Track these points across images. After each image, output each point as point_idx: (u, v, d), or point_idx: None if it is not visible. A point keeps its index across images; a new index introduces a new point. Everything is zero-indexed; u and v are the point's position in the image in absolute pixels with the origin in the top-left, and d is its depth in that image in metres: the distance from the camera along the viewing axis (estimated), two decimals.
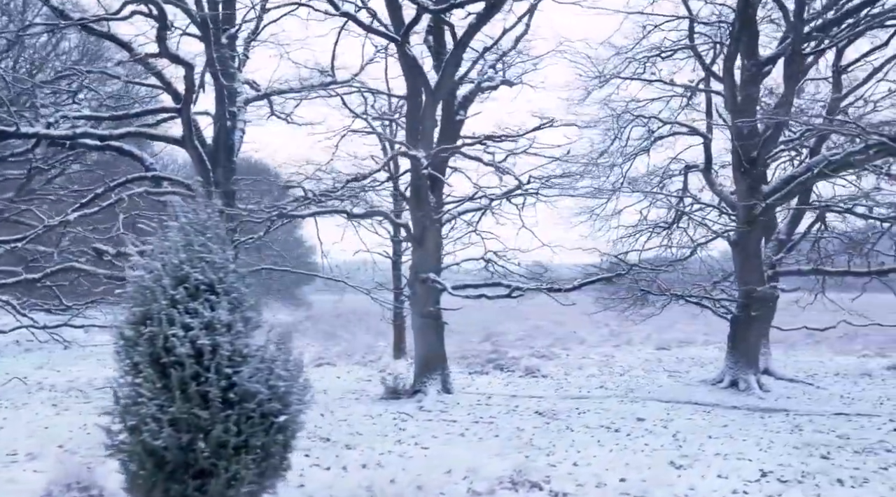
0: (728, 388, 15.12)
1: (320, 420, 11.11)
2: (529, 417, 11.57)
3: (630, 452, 8.64)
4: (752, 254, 15.17)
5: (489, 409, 12.38)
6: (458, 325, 36.86)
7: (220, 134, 15.16)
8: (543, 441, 9.44)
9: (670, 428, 10.59)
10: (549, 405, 12.88)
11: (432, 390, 13.17)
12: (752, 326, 15.12)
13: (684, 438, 9.61)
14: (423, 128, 12.98)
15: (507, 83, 16.52)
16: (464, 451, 8.68)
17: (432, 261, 13.56)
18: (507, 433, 10.13)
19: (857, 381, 16.95)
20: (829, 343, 26.41)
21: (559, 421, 11.26)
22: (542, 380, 17.58)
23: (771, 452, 8.68)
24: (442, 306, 13.51)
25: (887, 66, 16.27)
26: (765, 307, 15.20)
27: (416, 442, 9.28)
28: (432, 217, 13.30)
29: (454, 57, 12.48)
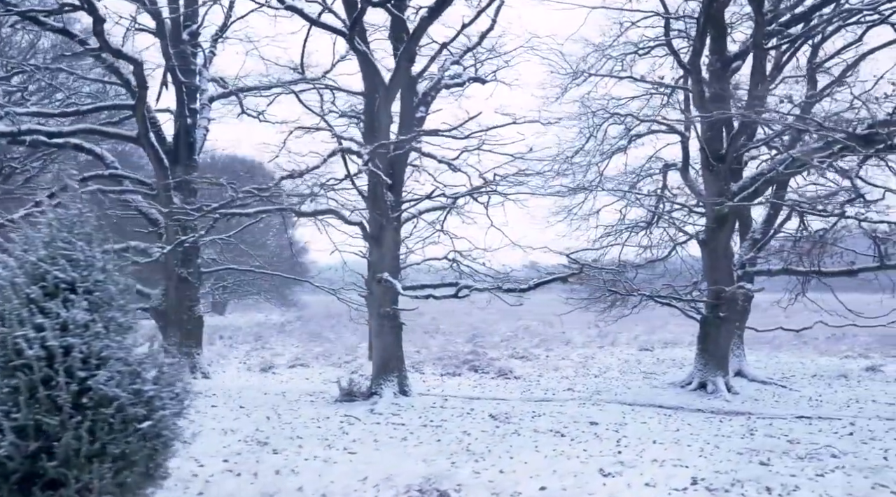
0: (696, 390, 14.83)
1: (264, 423, 10.86)
2: (481, 421, 11.29)
3: (564, 459, 8.35)
4: (721, 253, 14.87)
5: (442, 412, 12.11)
6: (446, 325, 36.89)
7: (180, 131, 14.94)
8: (481, 446, 9.16)
9: (620, 432, 10.30)
10: (506, 408, 12.60)
11: (388, 393, 12.90)
12: (722, 327, 14.81)
13: (627, 444, 9.32)
14: (377, 124, 12.71)
15: (479, 80, 16.28)
16: (393, 456, 8.40)
17: (390, 260, 13.29)
18: (450, 438, 9.85)
19: (831, 383, 16.65)
20: (816, 344, 26.13)
21: (510, 425, 10.98)
22: (512, 382, 17.30)
23: (711, 459, 8.38)
24: (399, 307, 13.19)
25: (861, 63, 15.96)
26: (734, 308, 14.88)
27: (346, 447, 9.00)
28: (389, 216, 13.03)
29: (407, 52, 12.20)
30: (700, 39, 14.11)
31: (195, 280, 14.77)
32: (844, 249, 16.34)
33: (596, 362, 21.72)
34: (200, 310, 15.07)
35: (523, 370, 19.57)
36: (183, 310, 14.54)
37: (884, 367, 19.59)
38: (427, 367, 19.88)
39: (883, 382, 16.80)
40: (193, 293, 14.77)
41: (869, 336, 27.31)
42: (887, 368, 19.44)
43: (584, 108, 18.67)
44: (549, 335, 31.09)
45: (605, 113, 18.70)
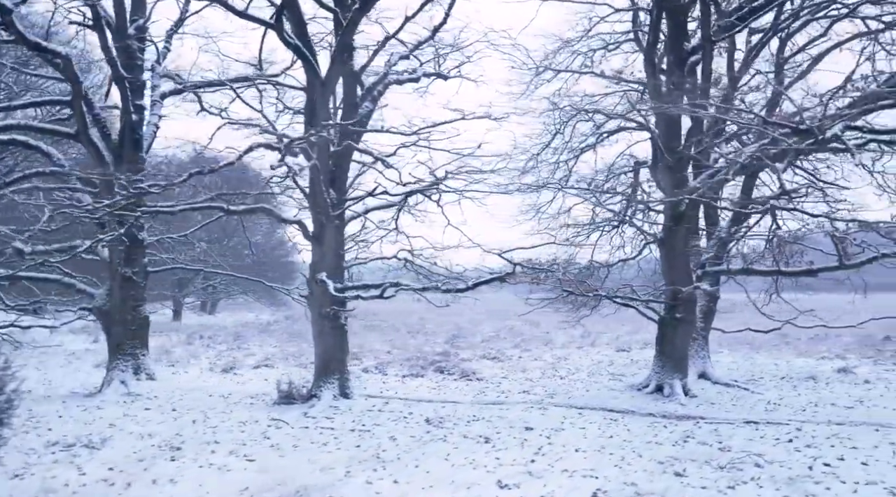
0: (653, 393, 14.46)
1: (187, 427, 10.56)
2: (414, 426, 10.95)
3: (470, 469, 8.01)
4: (678, 253, 14.48)
5: (379, 416, 11.76)
6: (433, 325, 36.53)
7: (125, 128, 14.63)
8: (395, 454, 8.82)
9: (550, 439, 9.95)
10: (448, 412, 12.26)
11: (328, 395, 12.58)
12: (679, 329, 14.42)
13: (548, 452, 8.97)
14: (316, 120, 12.38)
15: (441, 76, 15.94)
16: (293, 464, 8.08)
17: (331, 260, 12.95)
18: (369, 444, 9.52)
19: (797, 385, 16.23)
20: (797, 344, 25.72)
21: (441, 430, 10.63)
22: (473, 383, 16.93)
23: (627, 469, 8.02)
24: (339, 308, 12.84)
25: (826, 58, 15.55)
26: (692, 309, 14.50)
27: (249, 454, 8.68)
28: (329, 214, 12.69)
29: (341, 45, 11.86)
30: (654, 32, 13.71)
31: (140, 279, 14.45)
32: (808, 248, 15.98)
33: (568, 363, 21.34)
34: (146, 310, 14.75)
35: (490, 371, 19.20)
36: (127, 310, 14.22)
37: (856, 369, 19.18)
38: (393, 368, 19.52)
39: (850, 385, 16.37)
40: (139, 293, 14.45)
41: (851, 337, 26.90)
42: (859, 370, 19.01)
43: (551, 105, 18.29)
44: (531, 335, 30.80)
45: (571, 109, 18.31)
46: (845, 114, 10.14)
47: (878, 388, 15.87)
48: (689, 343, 14.81)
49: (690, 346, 16.78)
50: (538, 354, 23.94)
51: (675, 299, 14.31)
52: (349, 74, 13.03)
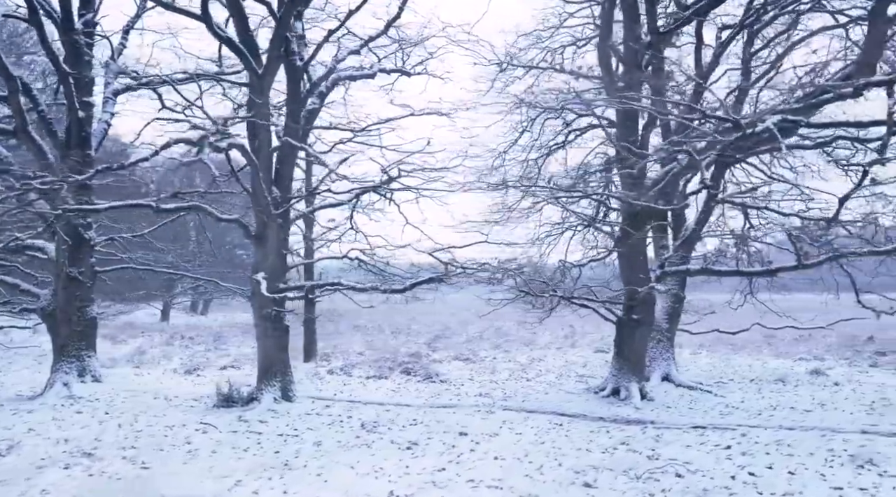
0: (609, 396, 14.10)
1: (111, 432, 10.28)
2: (345, 431, 10.63)
3: (372, 478, 7.69)
4: (636, 252, 14.11)
5: (314, 420, 11.44)
6: (419, 325, 36.17)
7: (71, 126, 14.37)
8: (304, 461, 8.53)
9: (480, 445, 9.62)
10: (390, 416, 11.94)
11: (268, 398, 12.27)
12: (637, 331, 14.05)
13: (466, 459, 8.64)
14: (254, 114, 12.08)
15: (404, 73, 15.65)
16: (190, 471, 7.81)
17: (273, 260, 12.64)
18: (289, 450, 9.24)
19: (763, 388, 15.83)
20: (781, 345, 25.28)
21: (373, 435, 10.33)
22: (434, 385, 16.63)
23: (537, 479, 7.70)
24: (279, 309, 12.53)
25: (791, 53, 15.15)
26: (650, 310, 14.13)
27: (148, 461, 8.38)
28: (271, 212, 12.38)
29: (276, 38, 11.53)
30: (607, 25, 13.33)
31: (87, 279, 14.18)
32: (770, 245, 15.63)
33: (541, 365, 21.00)
34: (94, 310, 14.47)
35: (458, 373, 18.88)
36: (72, 311, 13.95)
37: (830, 370, 18.78)
38: (361, 370, 19.18)
39: (818, 387, 15.97)
40: (85, 293, 14.17)
41: (835, 338, 26.45)
42: (833, 372, 18.61)
43: (516, 101, 17.93)
44: (516, 336, 30.42)
45: (539, 107, 17.93)
46: (783, 109, 9.74)
47: (846, 390, 15.46)
48: (646, 345, 14.44)
49: (655, 347, 16.48)
50: (515, 355, 23.61)
51: (632, 300, 13.94)
52: (292, 70, 12.72)
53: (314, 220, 13.59)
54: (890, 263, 17.25)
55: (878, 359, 20.77)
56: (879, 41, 10.33)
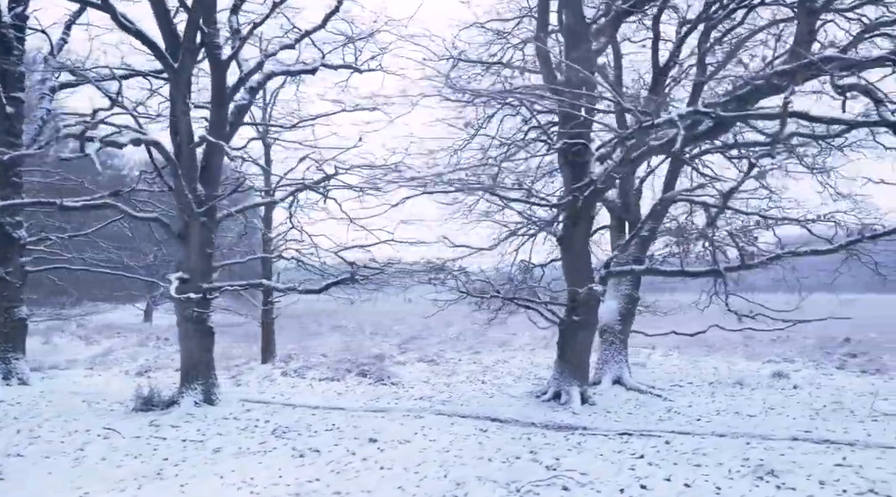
0: (550, 400, 13.67)
1: (6, 439, 9.92)
2: (253, 436, 10.25)
3: (234, 489, 7.30)
4: (578, 252, 13.68)
5: (228, 425, 11.06)
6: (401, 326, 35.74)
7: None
8: (180, 469, 8.15)
9: (383, 453, 9.24)
10: (312, 420, 11.57)
11: (189, 402, 11.93)
12: (579, 333, 13.62)
13: (347, 469, 8.26)
14: (173, 111, 11.73)
15: (354, 69, 15.27)
16: (50, 481, 7.44)
17: (196, 259, 12.29)
18: (178, 457, 8.89)
19: (717, 391, 15.38)
20: (758, 346, 24.79)
21: (279, 441, 9.96)
22: (382, 388, 16.25)
23: (409, 491, 7.28)
24: (200, 310, 12.16)
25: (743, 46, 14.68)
26: (593, 311, 13.68)
27: (14, 470, 8.02)
28: (193, 211, 12.02)
29: (189, 29, 11.14)
30: (543, 15, 12.89)
31: (15, 280, 13.87)
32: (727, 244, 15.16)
33: (503, 367, 20.60)
34: (23, 311, 14.16)
35: (414, 375, 18.49)
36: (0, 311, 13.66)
37: (797, 373, 18.34)
38: (316, 372, 18.79)
39: (775, 390, 15.52)
40: (13, 294, 13.87)
41: (813, 338, 25.94)
42: (797, 374, 18.15)
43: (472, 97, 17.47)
44: (495, 337, 29.93)
45: (495, 103, 17.47)
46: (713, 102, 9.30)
47: (801, 394, 15.00)
48: (589, 348, 13.98)
49: (607, 350, 16.06)
50: (484, 357, 23.21)
51: (573, 301, 13.51)
52: (216, 64, 12.35)
53: (245, 216, 13.17)
54: (851, 263, 16.82)
55: (847, 361, 20.27)
56: (808, 33, 9.87)
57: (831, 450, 9.45)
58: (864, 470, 8.21)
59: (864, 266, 15.56)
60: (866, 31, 9.17)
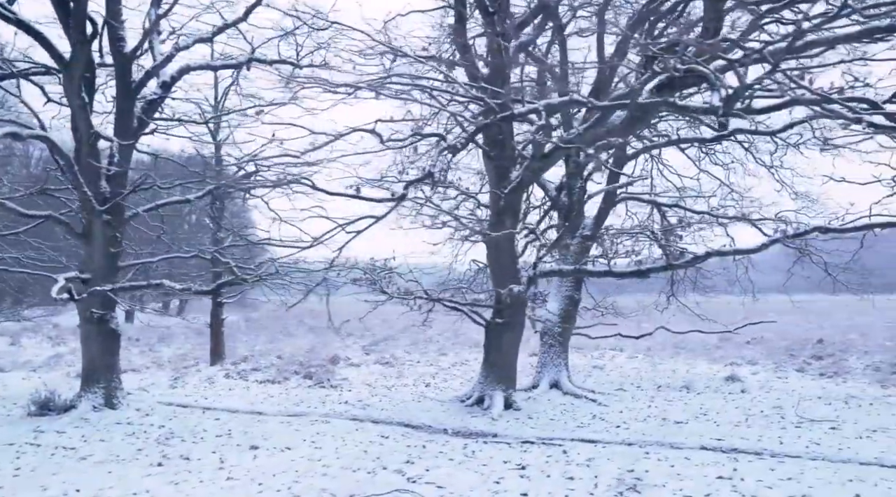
0: (473, 405, 13.22)
1: None
2: (135, 444, 9.86)
3: None
4: (503, 251, 13.21)
5: (118, 430, 10.68)
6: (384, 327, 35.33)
7: None
8: (26, 479, 7.76)
9: (262, 461, 8.85)
10: (210, 425, 11.21)
11: (87, 406, 11.57)
12: (504, 335, 13.15)
13: (191, 479, 7.85)
14: (70, 105, 11.38)
15: (291, 64, 14.86)
16: None
17: (99, 260, 11.93)
18: (27, 467, 8.49)
19: (658, 396, 14.84)
20: (729, 348, 24.19)
21: (160, 447, 9.60)
22: (316, 391, 15.87)
23: None
24: (98, 311, 11.79)
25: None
26: (519, 312, 13.20)
27: None
28: (94, 209, 11.66)
29: (77, 20, 10.77)
30: (461, 2, 12.41)
31: None
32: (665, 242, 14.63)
33: (459, 369, 20.15)
34: None
35: (361, 378, 18.08)
36: None
37: (755, 376, 17.84)
38: (262, 374, 18.42)
39: (721, 394, 15.00)
40: None
41: (785, 340, 25.32)
42: (752, 377, 17.60)
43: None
44: (470, 338, 29.42)
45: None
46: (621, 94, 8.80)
47: (745, 398, 14.47)
48: (516, 351, 13.50)
49: (546, 353, 15.59)
50: (447, 359, 22.76)
51: (499, 302, 13.05)
52: (120, 58, 11.99)
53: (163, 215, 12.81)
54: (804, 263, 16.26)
55: (812, 363, 19.67)
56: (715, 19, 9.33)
57: (728, 460, 8.94)
58: (744, 483, 7.73)
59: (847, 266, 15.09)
60: (760, 18, 8.64)
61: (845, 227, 10.54)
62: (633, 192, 16.06)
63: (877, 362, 19.03)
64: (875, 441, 10.18)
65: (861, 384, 16.27)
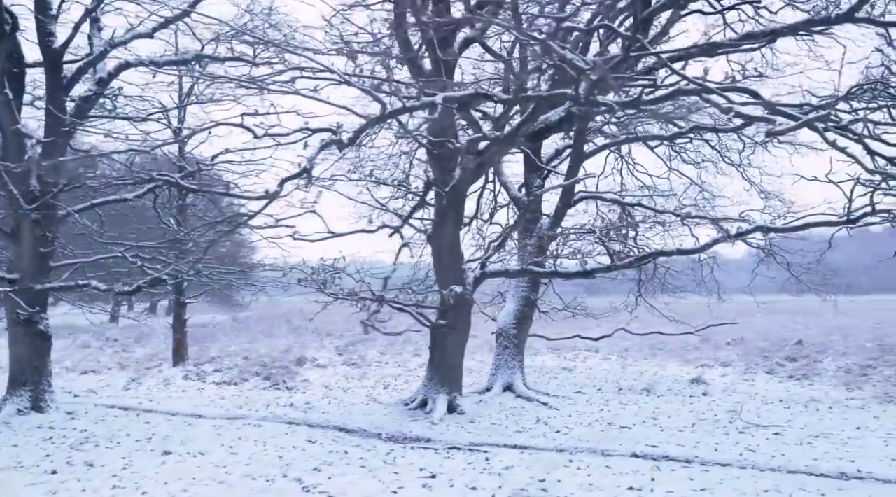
0: (417, 409, 12.89)
1: None
2: (41, 449, 9.58)
3: None
4: (446, 251, 12.87)
5: (39, 434, 10.44)
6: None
7: None
8: None
9: (170, 466, 8.56)
10: (137, 429, 10.97)
11: (11, 409, 11.33)
12: (449, 337, 12.81)
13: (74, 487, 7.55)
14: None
15: (247, 62, 14.57)
16: None
17: (29, 260, 11.66)
18: None
19: (610, 400, 14.45)
20: (707, 349, 23.76)
21: (71, 452, 9.37)
22: (268, 392, 15.58)
23: None
24: (23, 311, 11.51)
25: None
26: (464, 314, 12.86)
27: None
28: (22, 208, 11.40)
29: None
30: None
31: None
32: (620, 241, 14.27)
33: (421, 371, 19.67)
34: None
35: (322, 380, 17.76)
36: None
37: (723, 378, 17.48)
38: (222, 375, 18.14)
39: (680, 398, 14.63)
40: None
41: (765, 342, 24.91)
42: (719, 380, 17.21)
43: None
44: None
45: None
46: None
47: (703, 402, 14.10)
48: (461, 353, 13.15)
49: (501, 355, 15.25)
50: (419, 360, 22.41)
51: (443, 303, 12.71)
52: (48, 53, 11.73)
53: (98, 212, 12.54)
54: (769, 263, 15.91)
55: (786, 364, 19.26)
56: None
57: (651, 469, 8.59)
58: (652, 495, 7.37)
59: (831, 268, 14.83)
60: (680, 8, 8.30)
61: (786, 226, 10.19)
62: (591, 191, 15.71)
63: (849, 364, 18.60)
64: (814, 447, 9.81)
65: (826, 387, 15.86)
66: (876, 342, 23.74)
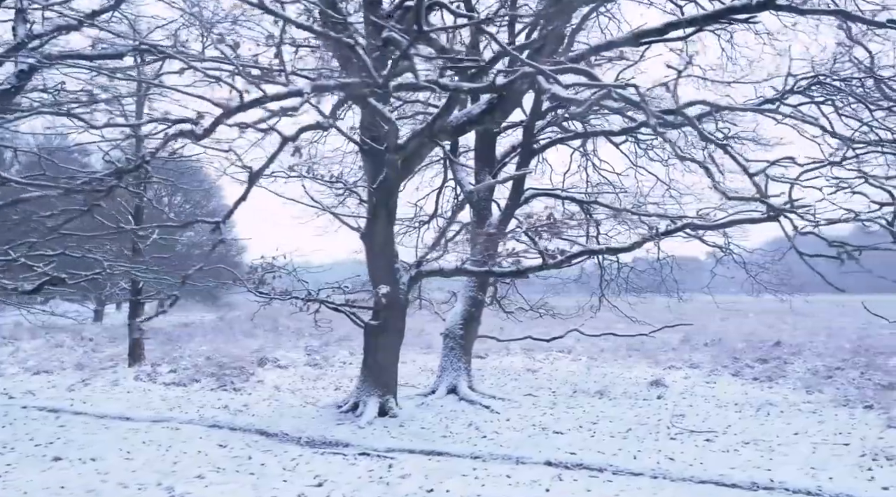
0: (348, 412, 12.49)
1: None
2: None
3: None
4: (379, 250, 12.46)
5: None
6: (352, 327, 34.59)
7: None
8: None
9: (18, 473, 8.16)
10: (51, 431, 10.65)
11: None
12: (381, 338, 12.40)
13: None
14: None
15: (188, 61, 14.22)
16: None
17: None
18: None
19: (558, 403, 14.01)
20: (684, 350, 23.25)
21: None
22: (213, 394, 15.22)
23: None
24: None
25: None
26: (397, 314, 12.45)
27: None
28: None
29: None
30: None
31: None
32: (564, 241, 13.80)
33: None
34: None
35: (276, 380, 17.38)
36: None
37: (686, 379, 17.01)
38: (175, 376, 17.79)
39: (631, 401, 14.18)
40: None
41: (743, 342, 24.40)
42: (680, 382, 16.74)
43: None
44: (422, 341, 28.61)
45: None
46: None
47: (652, 406, 13.63)
48: (395, 355, 12.73)
49: (447, 356, 14.85)
50: None
51: (375, 303, 12.30)
52: None
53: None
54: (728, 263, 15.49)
55: (756, 366, 18.77)
56: None
57: (553, 479, 8.17)
58: None
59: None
60: None
61: (715, 223, 9.76)
62: (541, 188, 15.27)
63: (818, 366, 18.07)
64: (739, 455, 9.37)
65: (786, 390, 15.36)
66: (856, 343, 23.17)
